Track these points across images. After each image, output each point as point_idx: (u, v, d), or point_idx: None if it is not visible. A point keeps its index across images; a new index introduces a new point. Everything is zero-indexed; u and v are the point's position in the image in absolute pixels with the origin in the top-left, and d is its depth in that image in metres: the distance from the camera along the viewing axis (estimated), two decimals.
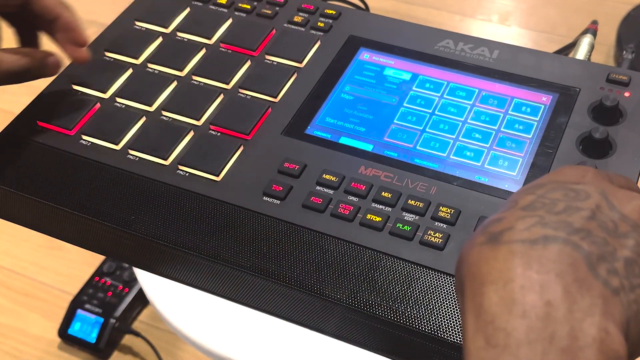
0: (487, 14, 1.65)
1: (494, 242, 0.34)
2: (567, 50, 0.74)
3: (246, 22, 0.65)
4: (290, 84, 0.60)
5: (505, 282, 0.31)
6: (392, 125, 0.57)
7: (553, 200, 0.35)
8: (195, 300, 0.80)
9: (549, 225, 0.33)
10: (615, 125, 0.54)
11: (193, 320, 0.79)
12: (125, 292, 1.31)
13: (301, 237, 0.50)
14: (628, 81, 0.57)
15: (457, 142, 0.55)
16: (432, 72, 0.60)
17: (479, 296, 0.32)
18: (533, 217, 0.34)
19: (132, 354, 1.30)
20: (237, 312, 0.78)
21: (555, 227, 0.33)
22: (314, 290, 0.48)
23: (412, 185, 0.52)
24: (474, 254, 0.34)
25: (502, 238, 0.34)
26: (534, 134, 0.55)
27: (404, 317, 0.46)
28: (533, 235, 0.33)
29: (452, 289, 0.47)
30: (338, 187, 0.52)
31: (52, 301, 1.36)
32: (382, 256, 0.49)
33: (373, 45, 0.63)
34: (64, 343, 1.31)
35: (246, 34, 0.63)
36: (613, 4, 1.61)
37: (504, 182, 0.52)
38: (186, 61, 0.62)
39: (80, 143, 0.57)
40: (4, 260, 1.43)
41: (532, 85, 0.58)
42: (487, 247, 0.34)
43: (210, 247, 0.51)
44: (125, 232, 0.53)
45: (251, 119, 0.57)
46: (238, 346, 0.77)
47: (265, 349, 0.76)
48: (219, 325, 0.78)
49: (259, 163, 0.55)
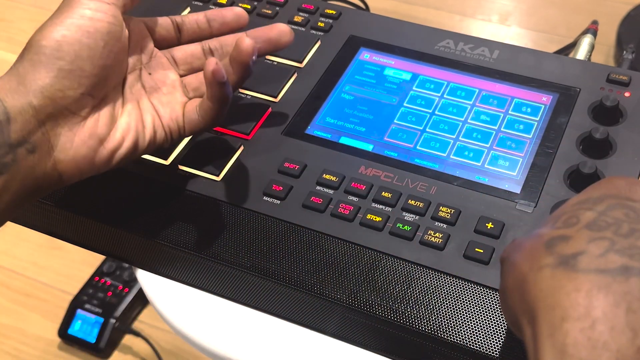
0: (487, 14, 1.65)
1: (569, 267, 0.32)
2: (567, 50, 0.74)
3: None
4: (291, 84, 0.60)
5: (594, 322, 0.30)
6: (392, 125, 0.57)
7: (616, 220, 0.34)
8: (195, 300, 0.80)
9: (623, 252, 0.32)
10: (615, 125, 0.54)
11: (193, 320, 0.79)
12: (125, 292, 1.31)
13: (301, 237, 0.50)
14: (628, 81, 0.57)
15: (457, 142, 0.55)
16: (432, 72, 0.60)
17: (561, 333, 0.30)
18: (603, 239, 0.33)
19: (132, 354, 1.30)
20: (237, 312, 0.78)
21: (631, 255, 0.32)
22: (314, 290, 0.48)
23: (412, 185, 0.52)
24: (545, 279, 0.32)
25: (578, 265, 0.32)
26: (534, 134, 0.55)
27: (404, 317, 0.46)
28: (611, 264, 0.32)
29: (451, 289, 0.47)
30: (338, 187, 0.52)
31: (52, 301, 1.36)
32: (382, 256, 0.49)
33: (373, 45, 0.63)
34: (64, 343, 1.31)
35: None
36: (613, 4, 1.61)
37: (504, 182, 0.52)
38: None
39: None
40: (4, 260, 1.43)
41: (532, 85, 0.58)
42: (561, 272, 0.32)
43: (210, 247, 0.51)
44: (125, 232, 0.53)
45: (251, 119, 0.57)
46: (238, 346, 0.76)
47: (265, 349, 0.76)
48: (219, 325, 0.78)
49: (259, 163, 0.55)
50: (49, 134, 0.45)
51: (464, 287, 0.47)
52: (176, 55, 0.54)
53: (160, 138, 0.50)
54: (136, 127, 0.49)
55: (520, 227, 0.49)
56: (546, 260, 0.33)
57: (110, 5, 0.48)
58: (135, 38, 0.52)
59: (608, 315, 0.30)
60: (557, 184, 0.51)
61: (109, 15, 0.47)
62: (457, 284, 0.47)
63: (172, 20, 0.54)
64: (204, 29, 0.55)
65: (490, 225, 0.49)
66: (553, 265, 0.33)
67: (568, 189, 0.51)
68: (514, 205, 0.50)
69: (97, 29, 0.46)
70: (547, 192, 0.51)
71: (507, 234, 0.49)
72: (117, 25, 0.48)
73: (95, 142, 0.47)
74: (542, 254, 0.34)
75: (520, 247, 0.37)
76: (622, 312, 0.30)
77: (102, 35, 0.46)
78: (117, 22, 0.48)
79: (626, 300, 0.30)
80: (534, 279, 0.33)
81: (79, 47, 0.45)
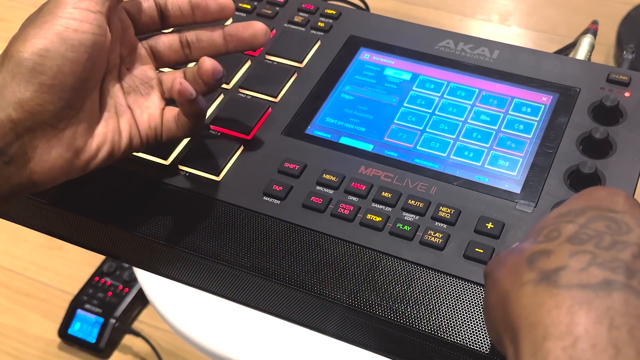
0: (487, 14, 1.65)
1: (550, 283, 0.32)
2: (567, 50, 0.74)
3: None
4: (291, 84, 0.60)
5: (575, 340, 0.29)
6: (392, 125, 0.57)
7: (598, 232, 0.34)
8: (195, 300, 0.80)
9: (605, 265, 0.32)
10: (615, 125, 0.54)
11: (193, 320, 0.79)
12: (125, 292, 1.31)
13: (301, 237, 0.50)
14: (628, 81, 0.57)
15: (457, 142, 0.55)
16: (432, 72, 0.60)
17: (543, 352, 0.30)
18: (585, 253, 0.32)
19: (132, 354, 1.30)
20: (237, 312, 0.78)
21: (613, 268, 0.31)
22: (314, 290, 0.48)
23: (412, 185, 0.52)
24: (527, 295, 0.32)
25: (559, 280, 0.31)
26: (534, 134, 0.55)
27: (404, 317, 0.46)
28: (592, 278, 0.31)
29: (451, 289, 0.47)
30: (338, 187, 0.52)
31: (52, 301, 1.37)
32: (382, 256, 0.49)
33: (373, 45, 0.63)
34: (64, 343, 1.31)
35: None
36: (613, 4, 1.61)
37: (504, 182, 0.52)
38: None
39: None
40: (4, 260, 1.43)
41: (532, 85, 0.58)
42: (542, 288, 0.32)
43: (210, 247, 0.51)
44: (125, 232, 0.53)
45: (251, 119, 0.57)
46: (238, 346, 0.77)
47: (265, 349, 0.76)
48: (219, 325, 0.78)
49: (259, 163, 0.55)
50: (27, 146, 0.44)
51: (464, 287, 0.47)
52: (154, 47, 0.53)
53: (136, 145, 0.50)
54: (112, 138, 0.48)
55: (520, 227, 0.49)
56: (528, 276, 0.33)
57: (97, 14, 0.46)
58: (117, 32, 0.50)
59: (590, 333, 0.29)
60: (557, 184, 0.51)
61: (95, 25, 0.45)
62: (457, 284, 0.47)
63: (155, 4, 0.52)
64: (187, 16, 0.53)
65: (490, 225, 0.49)
66: (535, 282, 0.32)
67: (568, 189, 0.51)
68: (514, 205, 0.50)
69: (81, 42, 0.44)
70: (547, 192, 0.51)
71: (507, 234, 0.49)
72: (102, 35, 0.46)
73: (72, 154, 0.46)
74: (524, 270, 0.33)
75: (503, 263, 0.36)
76: (604, 329, 0.29)
77: (85, 48, 0.45)
78: (102, 32, 0.46)
79: (608, 316, 0.30)
80: (515, 295, 0.32)
81: (62, 61, 0.44)
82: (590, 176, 0.50)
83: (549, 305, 0.31)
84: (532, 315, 0.31)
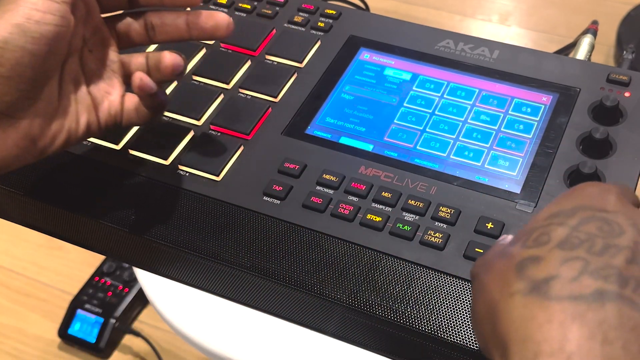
0: (487, 14, 1.65)
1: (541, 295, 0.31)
2: (567, 50, 0.74)
3: (246, 22, 0.65)
4: (291, 84, 0.60)
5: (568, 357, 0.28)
6: (392, 125, 0.57)
7: (589, 236, 0.33)
8: (195, 300, 0.80)
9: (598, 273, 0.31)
10: (615, 125, 0.54)
11: (193, 320, 0.79)
12: (125, 292, 1.31)
13: (301, 237, 0.50)
14: (628, 81, 0.57)
15: (457, 142, 0.55)
16: (432, 72, 0.60)
17: None
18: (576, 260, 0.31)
19: (132, 354, 1.30)
20: (237, 312, 0.78)
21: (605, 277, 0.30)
22: (314, 290, 0.48)
23: (412, 185, 0.52)
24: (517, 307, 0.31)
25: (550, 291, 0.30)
26: (534, 134, 0.55)
27: (404, 317, 0.46)
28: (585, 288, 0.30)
29: (451, 289, 0.47)
30: (338, 187, 0.52)
31: (52, 301, 1.37)
32: (382, 256, 0.49)
33: (373, 45, 0.63)
34: (64, 343, 1.31)
35: (246, 34, 0.63)
36: (613, 4, 1.61)
37: (504, 182, 0.52)
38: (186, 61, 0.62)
39: (81, 143, 0.57)
40: (4, 260, 1.43)
41: (532, 85, 0.58)
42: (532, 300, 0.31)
43: (210, 247, 0.51)
44: (125, 232, 0.53)
45: (251, 119, 0.57)
46: (238, 346, 0.77)
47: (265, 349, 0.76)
48: (219, 325, 0.78)
49: (259, 163, 0.55)
50: None
51: (464, 287, 0.47)
52: (118, 28, 0.51)
53: (94, 130, 0.49)
54: (69, 125, 0.47)
55: (520, 227, 0.49)
56: (517, 285, 0.32)
57: (60, 4, 0.44)
58: (81, 15, 0.48)
59: (583, 349, 0.29)
60: (557, 184, 0.51)
61: (58, 17, 0.43)
62: (457, 284, 0.47)
63: None
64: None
65: (491, 225, 0.49)
66: (524, 292, 0.31)
67: (568, 189, 0.51)
68: (514, 205, 0.50)
69: (42, 34, 0.42)
70: (547, 192, 0.51)
71: (507, 233, 0.49)
72: (65, 26, 0.44)
73: (28, 142, 0.45)
74: (513, 278, 0.32)
75: (491, 268, 0.35)
76: (597, 344, 0.29)
77: (47, 40, 0.43)
78: (65, 23, 0.44)
79: (602, 330, 0.29)
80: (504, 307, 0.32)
81: (21, 54, 0.42)
82: (590, 176, 0.50)
83: (539, 319, 0.30)
84: (522, 330, 0.30)
